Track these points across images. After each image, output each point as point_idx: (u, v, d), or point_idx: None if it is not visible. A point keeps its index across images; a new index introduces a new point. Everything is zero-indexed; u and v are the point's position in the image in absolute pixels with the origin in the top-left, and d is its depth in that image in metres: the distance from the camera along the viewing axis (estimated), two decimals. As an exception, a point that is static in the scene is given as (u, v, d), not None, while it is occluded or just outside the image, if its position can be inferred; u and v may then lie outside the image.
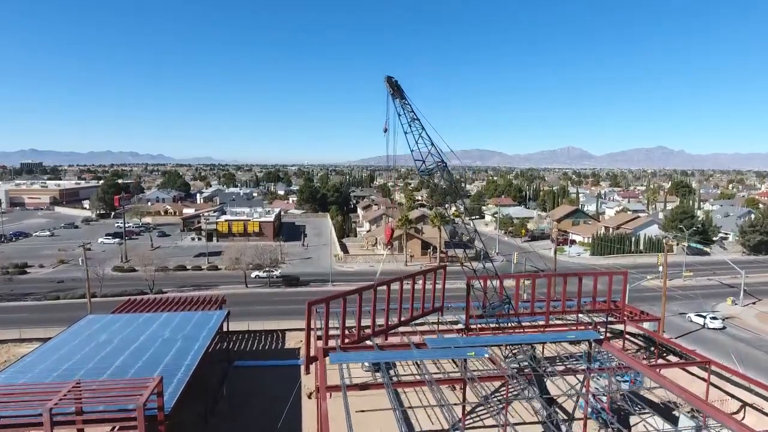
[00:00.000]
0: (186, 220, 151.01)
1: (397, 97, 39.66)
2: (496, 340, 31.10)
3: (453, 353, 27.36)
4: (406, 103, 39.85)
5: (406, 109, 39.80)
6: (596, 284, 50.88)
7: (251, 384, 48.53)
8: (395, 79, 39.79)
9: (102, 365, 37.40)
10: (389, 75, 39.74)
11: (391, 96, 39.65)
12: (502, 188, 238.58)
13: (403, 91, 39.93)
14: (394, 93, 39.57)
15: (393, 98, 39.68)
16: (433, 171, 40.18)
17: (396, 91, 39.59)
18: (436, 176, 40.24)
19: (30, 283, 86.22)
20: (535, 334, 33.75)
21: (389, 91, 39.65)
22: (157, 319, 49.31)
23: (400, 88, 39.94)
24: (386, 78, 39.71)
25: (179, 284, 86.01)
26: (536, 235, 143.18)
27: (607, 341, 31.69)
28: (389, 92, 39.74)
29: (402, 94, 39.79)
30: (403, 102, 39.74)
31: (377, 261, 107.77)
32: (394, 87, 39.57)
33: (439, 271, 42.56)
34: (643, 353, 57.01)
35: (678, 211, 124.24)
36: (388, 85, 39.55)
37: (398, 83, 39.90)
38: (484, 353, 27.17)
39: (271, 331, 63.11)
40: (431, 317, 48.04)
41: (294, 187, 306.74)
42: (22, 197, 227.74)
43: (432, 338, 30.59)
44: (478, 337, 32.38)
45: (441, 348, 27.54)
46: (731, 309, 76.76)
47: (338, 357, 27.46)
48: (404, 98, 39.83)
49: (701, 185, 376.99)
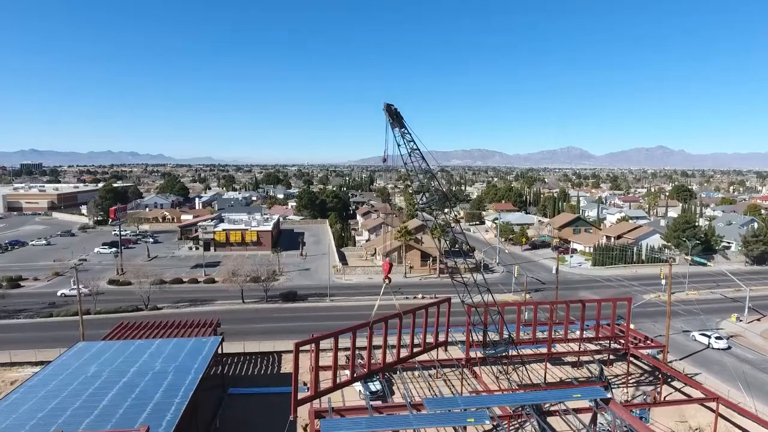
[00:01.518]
0: (184, 228, 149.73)
1: (396, 125, 38.08)
2: (499, 400, 29.82)
3: (452, 419, 26.06)
4: (405, 132, 38.33)
5: (406, 138, 38.29)
6: (599, 311, 49.75)
7: (245, 414, 47.29)
8: (395, 107, 38.11)
9: (90, 404, 36.12)
10: (388, 103, 38.01)
11: (390, 125, 38.10)
12: (502, 193, 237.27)
13: (402, 119, 38.33)
14: (393, 122, 37.98)
15: (392, 127, 38.12)
16: (432, 204, 38.86)
17: (395, 120, 37.97)
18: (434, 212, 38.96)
19: (24, 298, 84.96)
20: (538, 392, 32.30)
21: (388, 119, 38.02)
22: (148, 348, 48.02)
23: (400, 116, 38.30)
24: (385, 106, 37.98)
25: (175, 299, 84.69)
26: (537, 244, 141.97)
27: (615, 402, 30.40)
28: (388, 121, 38.13)
29: (402, 122, 38.18)
30: (403, 131, 38.21)
31: (376, 273, 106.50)
32: (394, 115, 37.95)
33: (443, 304, 40.97)
34: (647, 378, 55.94)
35: (680, 221, 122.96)
36: (387, 113, 37.88)
37: (398, 111, 38.19)
38: (484, 419, 25.92)
39: (266, 354, 61.86)
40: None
41: (294, 190, 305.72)
42: (20, 202, 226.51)
43: (429, 399, 29.27)
44: (478, 397, 31.13)
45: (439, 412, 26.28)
46: (735, 327, 75.48)
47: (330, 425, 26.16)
48: (404, 127, 38.27)
49: (702, 188, 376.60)
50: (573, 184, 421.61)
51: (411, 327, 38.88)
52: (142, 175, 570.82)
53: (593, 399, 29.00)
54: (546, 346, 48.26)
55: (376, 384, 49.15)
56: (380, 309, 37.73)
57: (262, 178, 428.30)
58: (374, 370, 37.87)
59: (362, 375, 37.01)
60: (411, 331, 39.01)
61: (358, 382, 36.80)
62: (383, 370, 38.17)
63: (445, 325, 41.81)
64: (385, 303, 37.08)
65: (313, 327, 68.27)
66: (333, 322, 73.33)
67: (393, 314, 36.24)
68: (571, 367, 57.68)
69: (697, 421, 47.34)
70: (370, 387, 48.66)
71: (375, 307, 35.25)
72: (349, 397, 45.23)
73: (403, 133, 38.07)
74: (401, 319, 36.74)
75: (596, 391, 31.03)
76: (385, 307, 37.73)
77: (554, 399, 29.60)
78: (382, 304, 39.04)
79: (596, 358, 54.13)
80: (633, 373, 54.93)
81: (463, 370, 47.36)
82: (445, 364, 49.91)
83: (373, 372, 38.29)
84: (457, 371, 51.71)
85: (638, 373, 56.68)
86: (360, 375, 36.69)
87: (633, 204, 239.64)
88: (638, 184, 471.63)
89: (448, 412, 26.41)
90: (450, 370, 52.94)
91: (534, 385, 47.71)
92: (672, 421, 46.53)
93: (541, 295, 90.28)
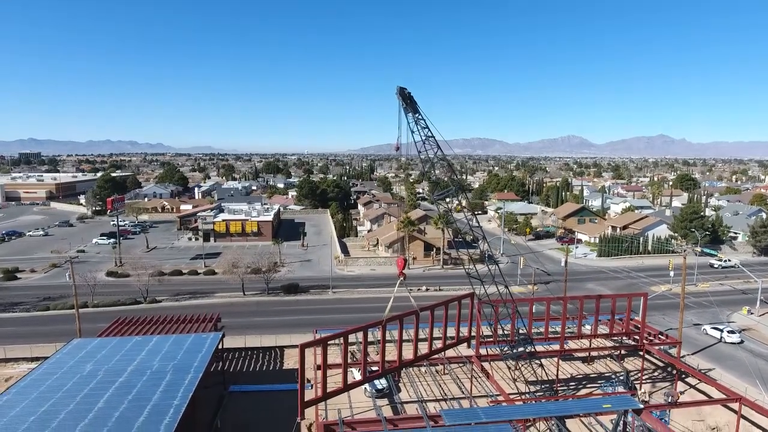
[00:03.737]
0: (183, 218, 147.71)
1: (410, 111, 35.60)
2: (523, 411, 28.05)
3: None
4: (420, 118, 35.88)
5: (420, 124, 35.83)
6: (614, 306, 47.99)
7: (247, 413, 45.69)
8: (408, 90, 35.51)
9: (84, 407, 34.41)
10: (402, 86, 35.35)
11: (404, 110, 35.67)
12: (504, 182, 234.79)
13: (416, 104, 35.78)
14: (407, 106, 35.48)
15: (406, 112, 35.67)
16: (447, 195, 36.72)
17: (409, 104, 35.42)
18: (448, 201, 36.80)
19: (20, 291, 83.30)
20: (566, 402, 30.51)
21: (401, 104, 35.47)
22: (146, 344, 46.26)
23: (414, 100, 35.71)
24: (398, 89, 35.31)
25: (174, 292, 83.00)
26: (541, 234, 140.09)
27: (648, 413, 28.65)
28: (401, 105, 35.56)
29: (416, 107, 35.66)
30: (417, 117, 35.73)
31: (378, 264, 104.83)
32: (407, 100, 35.38)
33: (465, 300, 38.86)
34: (660, 374, 54.36)
35: (688, 211, 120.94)
36: (400, 97, 35.26)
37: (411, 95, 35.63)
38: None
39: (268, 349, 60.19)
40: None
41: (294, 179, 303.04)
42: (18, 192, 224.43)
43: (448, 410, 27.43)
44: (501, 407, 29.35)
45: (460, 426, 24.50)
46: (747, 320, 73.87)
47: None
48: (418, 112, 35.75)
49: (704, 177, 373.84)
50: (574, 173, 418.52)
51: (430, 323, 36.82)
52: (141, 164, 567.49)
53: (625, 410, 27.28)
54: (559, 343, 46.53)
55: (382, 381, 47.47)
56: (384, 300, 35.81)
57: (261, 167, 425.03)
58: (389, 370, 36.02)
59: (375, 375, 35.22)
60: (430, 327, 36.95)
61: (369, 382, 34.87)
62: (398, 370, 36.26)
63: (467, 320, 39.90)
64: (390, 296, 34.85)
65: (316, 321, 66.67)
66: (336, 315, 71.80)
67: (409, 312, 34.29)
68: (581, 362, 56.10)
69: (715, 420, 45.80)
70: (376, 384, 47.03)
71: (389, 305, 33.19)
72: (354, 395, 43.70)
73: (417, 119, 35.66)
74: (418, 316, 34.76)
75: (627, 401, 29.10)
76: (397, 299, 35.51)
77: (582, 410, 27.87)
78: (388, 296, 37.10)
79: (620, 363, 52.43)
80: (645, 369, 53.32)
81: (473, 368, 45.65)
82: (453, 360, 48.21)
83: (388, 372, 36.46)
84: (465, 367, 50.10)
85: (651, 369, 55.10)
86: (372, 375, 34.91)
87: (636, 193, 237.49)
88: (640, 173, 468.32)
89: (470, 425, 24.62)
90: (457, 366, 51.31)
91: (549, 382, 46.10)
92: (689, 420, 44.99)
93: (548, 287, 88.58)
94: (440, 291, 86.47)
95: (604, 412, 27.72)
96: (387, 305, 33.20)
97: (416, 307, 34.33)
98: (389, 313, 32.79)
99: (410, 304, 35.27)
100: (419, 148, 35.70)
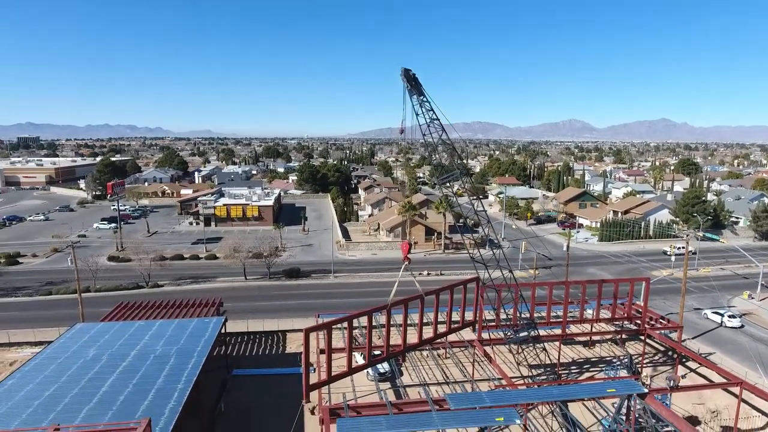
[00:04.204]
0: (183, 203, 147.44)
1: (414, 93, 35.17)
2: (528, 395, 28.04)
3: (479, 418, 24.39)
4: (425, 101, 35.46)
5: (425, 107, 35.44)
6: (617, 291, 48.00)
7: (251, 397, 46.02)
8: (413, 72, 35.11)
9: (89, 390, 34.58)
10: (406, 68, 34.92)
11: (408, 92, 35.23)
12: (506, 167, 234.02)
13: (421, 86, 35.33)
14: (412, 88, 35.02)
15: (410, 94, 35.23)
16: (451, 179, 36.42)
17: (414, 86, 34.97)
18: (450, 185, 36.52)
19: (22, 275, 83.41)
20: (570, 387, 30.50)
21: (406, 86, 35.02)
22: (149, 329, 46.39)
23: (419, 82, 35.28)
24: (402, 71, 34.88)
25: (176, 276, 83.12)
26: (542, 219, 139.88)
27: (652, 397, 28.67)
28: (406, 87, 35.12)
29: (420, 89, 35.23)
30: (422, 99, 35.32)
31: (380, 249, 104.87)
32: (412, 81, 34.93)
33: (470, 284, 38.81)
34: (661, 358, 54.64)
35: (690, 195, 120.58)
36: (405, 79, 34.82)
37: (416, 77, 35.23)
38: (514, 419, 24.24)
39: (271, 333, 60.45)
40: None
41: (294, 164, 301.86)
42: (18, 176, 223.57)
43: (453, 394, 27.52)
44: (505, 391, 29.37)
45: (465, 410, 24.57)
46: (748, 304, 74.03)
47: (347, 424, 24.23)
48: (423, 94, 35.32)
49: (706, 162, 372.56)
50: (576, 158, 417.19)
51: (434, 308, 36.80)
52: (140, 148, 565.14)
53: (628, 394, 27.36)
54: (561, 327, 46.65)
55: (384, 365, 47.72)
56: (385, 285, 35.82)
57: (261, 151, 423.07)
58: (393, 354, 36.08)
59: (380, 359, 35.29)
60: (435, 311, 36.94)
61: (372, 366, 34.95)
62: (402, 353, 36.29)
63: (473, 304, 39.90)
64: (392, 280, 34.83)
65: (318, 305, 66.79)
66: (338, 300, 71.95)
67: (414, 296, 34.25)
68: (582, 346, 56.36)
69: (715, 404, 46.10)
70: (379, 368, 47.28)
71: (393, 290, 33.09)
72: (356, 379, 43.92)
73: (421, 101, 35.25)
74: (423, 300, 34.72)
75: (632, 386, 29.21)
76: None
77: (587, 395, 28.03)
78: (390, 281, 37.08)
79: (623, 347, 52.58)
80: (646, 353, 53.54)
81: (475, 352, 45.81)
82: (455, 345, 48.36)
83: (392, 356, 36.53)
84: (466, 351, 50.31)
85: (651, 354, 55.36)
86: (377, 359, 34.97)
87: (638, 178, 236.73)
88: (641, 158, 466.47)
89: (475, 409, 24.73)
90: (459, 350, 51.50)
91: (551, 366, 46.30)
92: (689, 404, 45.27)
93: (550, 271, 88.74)
94: (441, 276, 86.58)
95: (608, 397, 27.87)
96: (392, 290, 33.12)
97: (421, 291, 34.30)
98: (394, 297, 32.74)
99: (414, 288, 35.21)
100: (423, 131, 35.33)
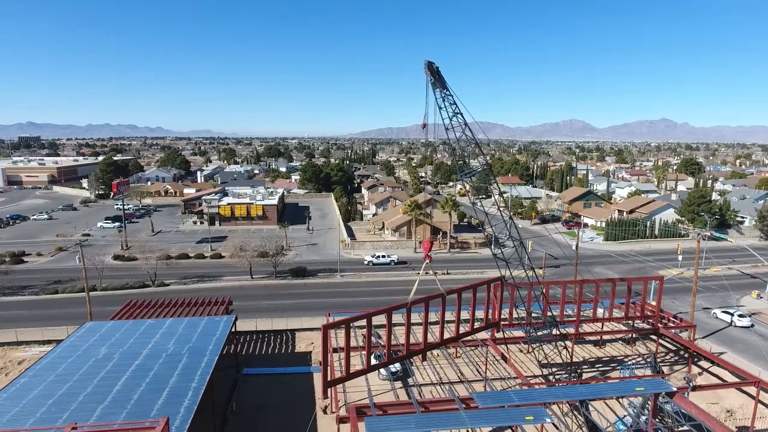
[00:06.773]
0: (187, 202, 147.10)
1: (438, 86, 34.73)
2: (557, 394, 27.73)
3: (509, 417, 24.08)
4: (448, 94, 35.04)
5: (448, 100, 35.02)
6: (630, 290, 47.67)
7: (261, 396, 45.69)
8: (436, 65, 34.62)
9: (102, 390, 34.26)
10: (430, 60, 34.49)
11: (432, 85, 34.75)
12: (508, 166, 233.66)
13: (444, 80, 34.96)
14: (435, 81, 34.54)
15: (434, 88, 34.74)
16: (475, 174, 36.12)
17: (437, 79, 34.52)
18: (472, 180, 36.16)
19: (28, 274, 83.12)
20: (599, 386, 30.14)
21: (429, 79, 34.53)
22: (160, 327, 46.11)
23: (442, 76, 34.87)
24: (426, 64, 34.41)
25: (182, 275, 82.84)
26: (547, 218, 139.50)
27: (680, 396, 28.35)
28: (429, 80, 34.62)
29: (444, 83, 34.80)
30: (445, 93, 34.91)
31: (385, 248, 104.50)
32: (436, 74, 34.45)
33: (494, 283, 38.48)
34: (673, 357, 54.31)
35: (695, 195, 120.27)
36: (429, 72, 34.36)
37: (439, 70, 34.79)
38: (544, 418, 23.88)
39: (279, 332, 60.15)
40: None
41: (296, 163, 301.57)
42: (20, 175, 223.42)
43: (480, 393, 27.24)
44: (533, 390, 29.03)
45: (494, 409, 24.25)
46: (756, 303, 73.70)
47: (375, 423, 23.78)
48: (446, 88, 34.95)
49: (708, 161, 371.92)
50: (577, 158, 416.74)
51: (456, 307, 36.45)
52: (141, 148, 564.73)
53: (656, 393, 27.05)
54: (573, 326, 46.35)
55: (396, 363, 47.38)
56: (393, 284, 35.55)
57: (263, 151, 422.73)
58: (414, 353, 35.76)
59: (400, 358, 34.96)
60: (457, 310, 36.61)
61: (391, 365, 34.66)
62: (424, 351, 35.93)
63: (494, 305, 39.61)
64: (399, 279, 34.64)
65: (325, 304, 66.51)
66: (346, 299, 71.61)
67: (435, 294, 33.88)
68: (593, 345, 56.02)
69: (730, 403, 45.81)
70: (390, 367, 46.94)
71: (414, 288, 32.81)
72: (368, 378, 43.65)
73: (445, 95, 34.85)
74: (444, 299, 34.36)
75: (660, 384, 28.85)
76: (403, 283, 35.30)
77: (616, 393, 27.65)
78: (397, 280, 36.80)
79: (634, 346, 52.22)
80: (659, 352, 53.25)
81: (488, 351, 45.50)
82: (468, 344, 48.03)
83: (413, 355, 36.21)
84: (478, 350, 49.98)
85: (663, 353, 55.04)
86: (398, 357, 34.65)
87: (641, 178, 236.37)
88: (642, 158, 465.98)
89: (503, 408, 24.40)
90: (471, 349, 51.19)
91: (566, 365, 45.95)
92: (705, 403, 44.83)
93: (558, 271, 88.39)
94: (448, 275, 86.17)
95: (637, 395, 27.58)
96: (412, 288, 32.84)
97: (443, 290, 33.98)
98: (414, 296, 32.44)
99: (434, 287, 34.96)
100: (446, 125, 34.97)
